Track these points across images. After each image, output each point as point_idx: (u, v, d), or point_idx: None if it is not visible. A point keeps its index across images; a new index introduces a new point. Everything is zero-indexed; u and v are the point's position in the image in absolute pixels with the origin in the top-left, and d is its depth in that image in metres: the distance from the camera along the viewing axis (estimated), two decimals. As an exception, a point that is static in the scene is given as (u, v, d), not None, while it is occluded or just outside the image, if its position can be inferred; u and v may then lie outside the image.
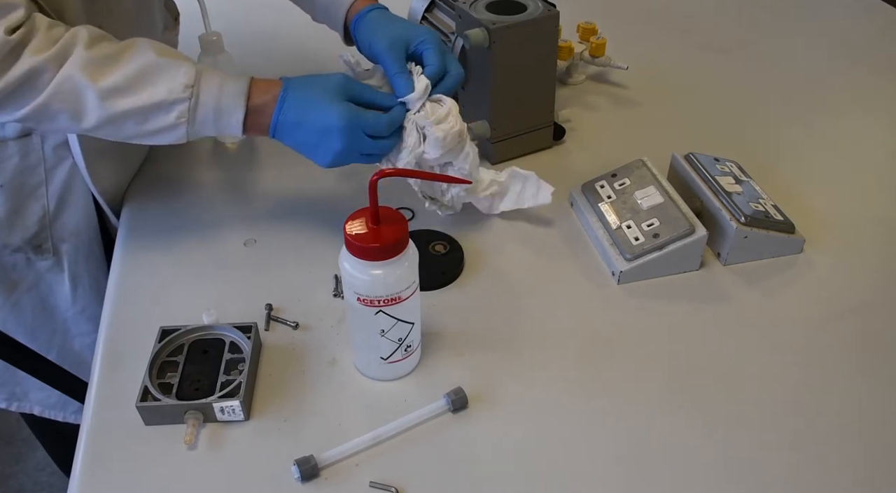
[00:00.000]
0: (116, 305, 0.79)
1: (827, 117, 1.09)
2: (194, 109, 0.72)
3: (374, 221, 0.62)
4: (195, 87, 0.72)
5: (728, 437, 0.66)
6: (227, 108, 0.73)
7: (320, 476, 0.62)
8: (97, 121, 0.70)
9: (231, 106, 0.73)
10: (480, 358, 0.73)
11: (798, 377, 0.71)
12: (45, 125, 0.73)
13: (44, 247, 0.90)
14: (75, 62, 0.68)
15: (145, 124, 0.72)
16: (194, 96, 0.72)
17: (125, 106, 0.70)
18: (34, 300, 0.94)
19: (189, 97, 0.71)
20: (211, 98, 0.73)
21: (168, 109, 0.71)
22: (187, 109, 0.72)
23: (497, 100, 0.93)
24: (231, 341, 0.71)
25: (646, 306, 0.78)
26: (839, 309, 0.78)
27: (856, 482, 0.63)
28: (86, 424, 0.67)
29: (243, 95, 0.74)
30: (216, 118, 0.73)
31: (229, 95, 0.73)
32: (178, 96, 0.71)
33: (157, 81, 0.71)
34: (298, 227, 0.87)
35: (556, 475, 0.63)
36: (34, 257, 0.91)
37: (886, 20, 1.36)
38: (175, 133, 0.73)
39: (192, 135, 0.74)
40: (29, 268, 0.91)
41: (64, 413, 1.04)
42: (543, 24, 0.90)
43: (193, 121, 0.73)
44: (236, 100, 0.73)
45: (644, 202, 0.83)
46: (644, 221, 0.82)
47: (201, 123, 0.73)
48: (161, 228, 0.88)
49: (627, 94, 1.14)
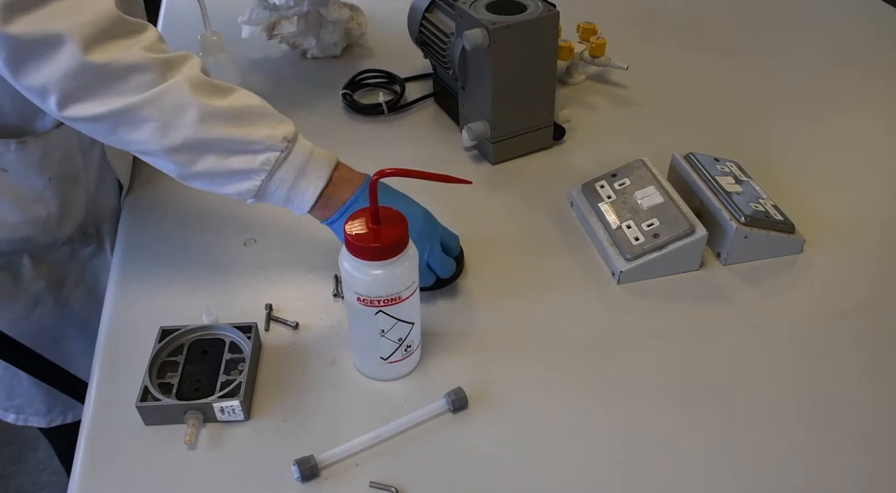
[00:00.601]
0: (116, 305, 0.79)
1: (827, 117, 1.09)
2: (280, 164, 0.70)
3: (374, 220, 0.62)
4: (292, 143, 0.70)
5: (728, 437, 0.66)
6: (311, 172, 0.71)
7: (320, 476, 0.63)
8: (183, 140, 0.66)
9: (316, 171, 0.72)
10: (480, 358, 0.73)
11: (798, 377, 0.71)
12: (120, 133, 0.67)
13: (88, 232, 0.91)
14: (185, 77, 0.66)
15: (227, 161, 0.69)
16: (286, 151, 0.70)
17: (221, 133, 0.67)
18: (83, 293, 0.95)
19: (282, 150, 0.69)
20: (300, 158, 0.71)
21: (258, 151, 0.69)
22: (276, 159, 0.69)
23: (497, 100, 0.93)
24: (231, 341, 0.71)
25: (646, 306, 0.78)
26: (839, 309, 0.78)
27: (856, 482, 0.63)
28: (86, 424, 0.67)
29: (331, 166, 0.72)
30: (295, 181, 0.71)
31: (319, 160, 0.72)
32: (274, 144, 0.69)
33: (260, 124, 0.69)
34: (298, 227, 0.87)
35: (557, 474, 0.63)
36: (79, 245, 0.91)
37: (886, 20, 1.36)
38: (247, 183, 0.70)
39: (262, 192, 0.71)
40: (73, 260, 0.92)
41: (49, 418, 1.04)
42: (543, 24, 0.90)
43: (273, 174, 0.70)
44: (323, 167, 0.72)
45: (644, 202, 0.83)
46: (644, 221, 0.82)
47: (279, 180, 0.71)
48: (161, 228, 0.88)
49: (627, 94, 1.14)
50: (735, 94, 1.14)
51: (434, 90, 1.12)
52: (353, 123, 1.07)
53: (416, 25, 1.06)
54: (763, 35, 1.31)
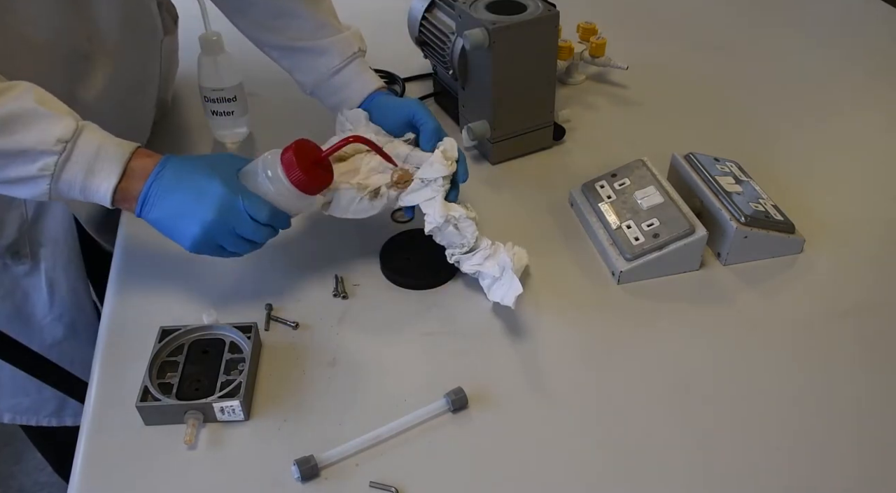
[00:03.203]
0: (116, 305, 0.79)
1: (827, 117, 1.09)
2: (63, 164, 0.66)
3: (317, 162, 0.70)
4: (70, 143, 0.66)
5: (728, 436, 0.66)
6: (101, 170, 0.68)
7: (320, 476, 0.62)
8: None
9: (106, 168, 0.68)
10: (480, 358, 0.73)
11: (798, 377, 0.71)
12: None
13: (21, 252, 0.90)
14: None
15: (5, 171, 0.66)
16: (66, 152, 0.66)
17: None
18: (8, 308, 0.93)
19: (59, 152, 0.66)
20: (86, 157, 0.67)
21: (33, 158, 0.66)
22: (54, 163, 0.66)
23: (497, 100, 0.93)
24: (231, 341, 0.71)
25: (646, 306, 0.78)
26: (839, 309, 0.78)
27: (856, 482, 0.63)
28: (86, 424, 0.67)
29: (123, 159, 0.69)
30: (85, 180, 0.68)
31: (108, 156, 0.68)
32: (48, 149, 0.65)
33: (32, 129, 0.65)
34: (298, 227, 0.87)
35: (556, 474, 0.63)
36: (11, 262, 0.90)
37: (886, 20, 1.36)
38: (36, 187, 0.67)
39: (56, 194, 0.68)
40: (5, 274, 0.91)
41: (37, 418, 1.03)
42: (543, 24, 0.90)
43: (58, 177, 0.67)
44: (113, 163, 0.68)
45: (644, 202, 0.83)
46: (644, 221, 0.82)
47: (67, 181, 0.67)
48: (161, 228, 0.88)
49: (627, 94, 1.14)
50: (735, 94, 1.14)
51: (434, 90, 1.13)
52: (353, 123, 1.07)
53: (416, 25, 1.06)
54: (763, 35, 1.31)
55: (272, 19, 0.89)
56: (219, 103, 0.97)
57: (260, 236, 0.72)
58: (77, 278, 0.94)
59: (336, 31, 0.89)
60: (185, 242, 0.70)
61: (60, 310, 0.95)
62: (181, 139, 1.04)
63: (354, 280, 0.81)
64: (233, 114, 0.99)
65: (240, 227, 0.70)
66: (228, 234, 0.70)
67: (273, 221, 0.72)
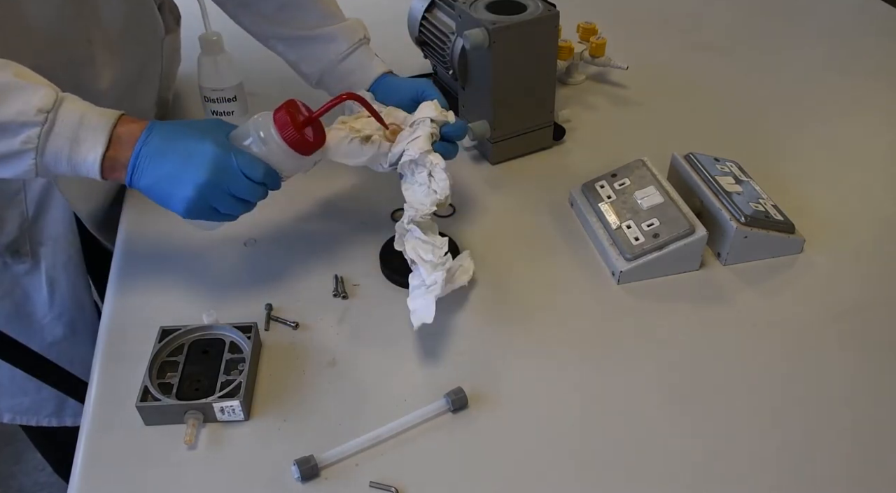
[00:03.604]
0: (116, 305, 0.79)
1: (827, 117, 1.09)
2: (46, 136, 0.64)
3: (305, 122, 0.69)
4: (52, 113, 0.64)
5: (728, 436, 0.66)
6: (86, 138, 0.66)
7: (320, 476, 0.62)
8: None
9: (92, 137, 0.66)
10: (480, 358, 0.73)
11: (798, 377, 0.71)
12: None
13: (22, 251, 0.89)
14: None
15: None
16: (49, 123, 0.64)
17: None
18: (8, 307, 0.93)
19: (42, 123, 0.64)
20: (69, 127, 0.65)
21: (15, 131, 0.63)
22: (37, 135, 0.64)
23: (497, 100, 0.93)
24: (231, 341, 0.71)
25: (646, 306, 0.78)
26: (839, 309, 0.78)
27: (855, 482, 0.63)
28: (86, 424, 0.67)
29: (108, 126, 0.66)
30: (71, 150, 0.66)
31: (91, 125, 0.66)
32: (29, 120, 0.63)
33: (10, 101, 0.63)
34: (298, 227, 0.87)
35: (556, 474, 0.63)
36: (11, 261, 0.90)
37: (886, 20, 1.36)
38: (21, 163, 0.65)
39: (43, 169, 0.66)
40: (5, 273, 0.91)
41: (37, 418, 1.03)
42: (543, 24, 0.90)
43: (43, 150, 0.65)
44: (98, 131, 0.66)
45: (644, 202, 0.83)
46: (644, 221, 0.82)
47: (52, 154, 0.65)
48: (161, 228, 0.88)
49: (627, 94, 1.14)
50: (735, 94, 1.14)
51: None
52: (353, 123, 1.07)
53: (416, 25, 1.06)
54: (763, 35, 1.31)
55: (277, 11, 0.89)
56: (219, 103, 0.97)
57: (254, 195, 0.71)
58: (78, 277, 0.94)
59: (341, 18, 0.90)
60: (179, 206, 0.68)
61: (60, 309, 0.94)
62: (181, 139, 1.04)
63: (354, 280, 0.81)
64: (233, 114, 0.99)
65: (234, 186, 0.68)
66: (222, 194, 0.69)
67: (267, 180, 0.70)
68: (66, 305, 0.95)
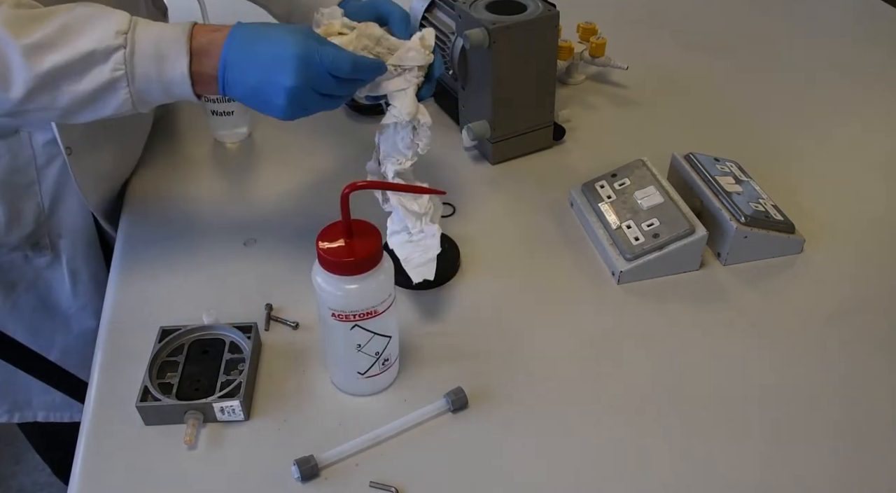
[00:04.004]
0: (116, 305, 0.79)
1: (827, 117, 1.09)
2: (131, 59, 0.64)
3: (347, 234, 0.61)
4: (130, 34, 0.64)
5: (728, 436, 0.66)
6: (168, 53, 0.65)
7: (320, 476, 0.62)
8: (26, 86, 0.63)
9: (174, 50, 0.65)
10: (480, 358, 0.73)
11: (798, 377, 0.71)
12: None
13: (41, 244, 0.90)
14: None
15: (80, 83, 0.64)
16: (129, 44, 0.64)
17: (53, 62, 0.62)
18: (33, 300, 0.94)
19: (123, 45, 0.63)
20: (150, 45, 0.64)
21: (103, 59, 0.63)
22: (123, 58, 0.63)
23: (497, 100, 0.93)
24: (231, 341, 0.71)
25: (646, 306, 0.78)
26: (839, 309, 0.78)
27: (855, 482, 0.63)
28: (86, 424, 0.67)
29: (185, 37, 0.65)
30: (159, 69, 0.65)
31: (169, 38, 0.65)
32: (111, 44, 0.63)
33: (87, 32, 0.63)
34: (298, 227, 0.87)
35: (556, 474, 0.63)
36: (32, 254, 0.90)
37: (886, 20, 1.36)
38: (117, 94, 0.65)
39: (138, 97, 0.66)
40: (27, 266, 0.91)
41: (71, 413, 1.04)
42: (543, 24, 0.90)
43: (133, 75, 0.64)
44: (178, 43, 0.65)
45: (644, 202, 0.83)
46: (644, 221, 0.82)
47: (143, 77, 0.65)
48: (161, 227, 0.88)
49: (627, 94, 1.14)
50: (735, 94, 1.14)
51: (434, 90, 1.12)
52: (353, 123, 1.07)
53: (416, 25, 1.06)
54: (763, 35, 1.31)
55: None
56: (219, 103, 0.98)
57: (345, 91, 0.69)
58: (98, 268, 0.94)
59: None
60: (277, 114, 0.68)
61: (85, 299, 0.95)
62: (181, 139, 1.04)
63: (354, 280, 0.81)
64: (233, 114, 0.99)
65: (323, 87, 0.67)
66: (313, 95, 0.67)
67: (357, 74, 0.69)
68: (91, 295, 0.95)
